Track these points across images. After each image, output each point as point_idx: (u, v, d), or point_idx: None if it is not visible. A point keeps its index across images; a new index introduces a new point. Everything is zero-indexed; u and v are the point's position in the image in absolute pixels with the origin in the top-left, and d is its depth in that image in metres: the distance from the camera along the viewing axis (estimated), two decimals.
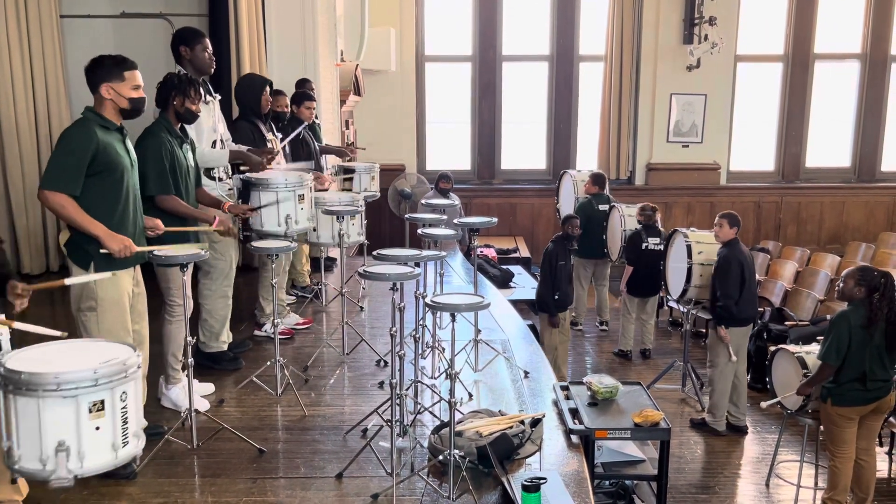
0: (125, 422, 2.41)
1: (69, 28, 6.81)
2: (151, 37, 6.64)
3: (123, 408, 2.39)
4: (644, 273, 6.97)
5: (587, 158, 10.25)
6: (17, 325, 2.65)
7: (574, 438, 3.62)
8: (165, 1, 6.95)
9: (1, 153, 6.28)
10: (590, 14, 10.00)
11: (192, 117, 3.81)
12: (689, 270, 6.03)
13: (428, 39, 10.07)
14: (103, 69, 3.14)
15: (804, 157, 10.40)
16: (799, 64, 10.12)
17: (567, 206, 8.36)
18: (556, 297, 6.27)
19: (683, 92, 9.95)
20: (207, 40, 4.25)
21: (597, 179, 7.94)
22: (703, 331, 7.02)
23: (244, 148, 4.54)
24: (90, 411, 2.31)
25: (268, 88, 4.96)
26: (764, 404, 4.79)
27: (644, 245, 6.95)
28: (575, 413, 3.82)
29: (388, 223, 9.18)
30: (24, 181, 6.35)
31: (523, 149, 10.41)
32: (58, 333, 2.62)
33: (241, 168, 4.47)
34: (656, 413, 3.73)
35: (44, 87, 6.50)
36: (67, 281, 3.04)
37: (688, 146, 10.10)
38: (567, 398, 4.01)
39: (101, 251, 3.13)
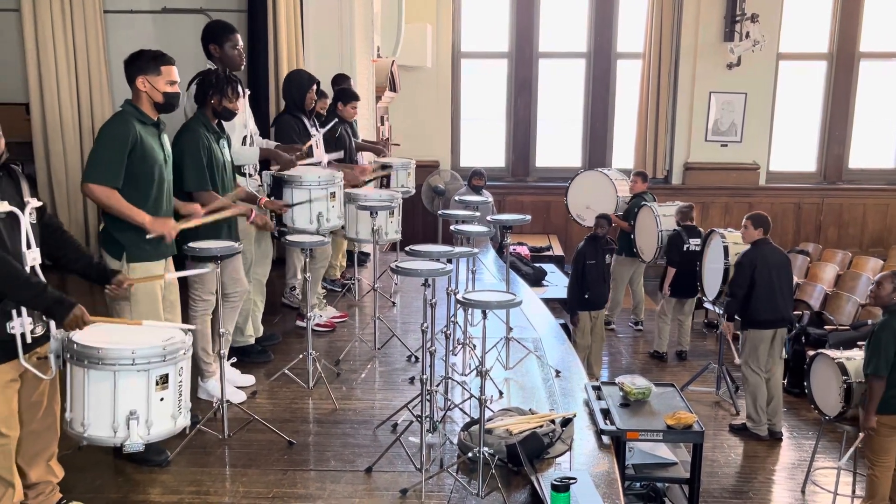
0: (181, 395, 2.70)
1: (112, 23, 6.93)
2: (191, 32, 6.70)
3: (180, 382, 2.69)
4: (684, 274, 6.87)
5: (623, 157, 10.14)
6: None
7: (605, 439, 3.59)
8: None
9: (45, 146, 6.42)
10: (628, 10, 9.89)
11: (230, 115, 3.84)
12: (726, 271, 5.93)
13: (464, 36, 10.05)
14: (141, 62, 3.17)
15: (847, 157, 10.15)
16: (843, 62, 9.87)
17: (600, 204, 8.21)
18: (587, 296, 6.22)
19: (723, 90, 9.78)
20: (237, 36, 4.25)
21: (646, 177, 7.86)
22: (738, 333, 6.92)
23: (272, 144, 4.57)
24: (157, 384, 2.59)
25: (314, 86, 4.98)
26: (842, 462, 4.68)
27: (685, 246, 6.84)
28: (606, 413, 3.78)
29: (422, 219, 9.18)
30: (67, 174, 6.48)
31: (558, 146, 10.34)
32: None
33: (271, 165, 4.49)
34: (689, 415, 3.68)
35: (87, 81, 6.62)
36: (168, 276, 3.26)
37: (726, 146, 9.93)
38: (599, 398, 3.97)
39: (148, 236, 3.19)
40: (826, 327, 6.56)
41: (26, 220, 2.53)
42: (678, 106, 9.86)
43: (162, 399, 2.61)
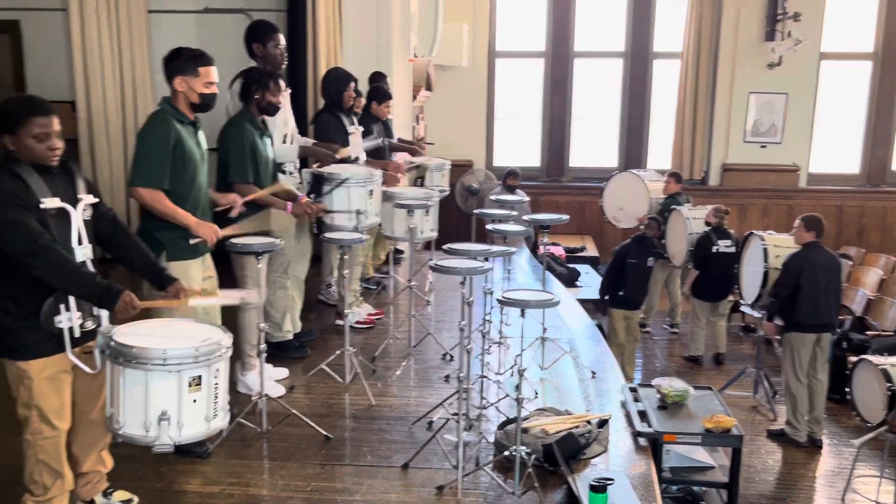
0: (216, 397, 2.63)
1: (156, 22, 7.06)
2: (232, 32, 6.80)
3: (216, 384, 2.61)
4: (714, 276, 6.79)
5: (660, 157, 10.04)
6: (193, 302, 2.93)
7: (642, 441, 3.57)
8: None
9: (90, 144, 6.57)
10: (666, 10, 9.78)
11: (274, 110, 3.90)
12: (766, 275, 5.84)
13: (500, 35, 10.04)
14: (179, 61, 3.19)
15: (891, 159, 9.92)
16: (889, 62, 9.64)
17: (633, 205, 8.13)
18: (621, 293, 6.17)
19: (763, 90, 9.62)
20: (280, 36, 4.31)
21: (679, 178, 7.78)
22: (778, 337, 6.81)
23: (310, 142, 4.61)
24: (190, 385, 2.53)
25: (352, 84, 5.02)
26: (857, 442, 4.62)
27: (714, 248, 6.76)
28: (643, 415, 3.75)
29: (455, 218, 9.19)
30: (111, 172, 6.63)
31: (594, 146, 10.28)
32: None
33: (311, 163, 4.53)
34: (728, 419, 3.64)
35: (131, 80, 6.75)
36: (221, 301, 3.22)
37: (766, 147, 9.77)
38: (635, 400, 3.94)
39: (192, 241, 3.24)
40: (868, 333, 6.43)
41: (78, 217, 2.58)
42: (716, 106, 9.73)
43: (195, 401, 2.56)
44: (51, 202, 2.49)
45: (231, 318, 3.89)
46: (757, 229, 6.55)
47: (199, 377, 2.55)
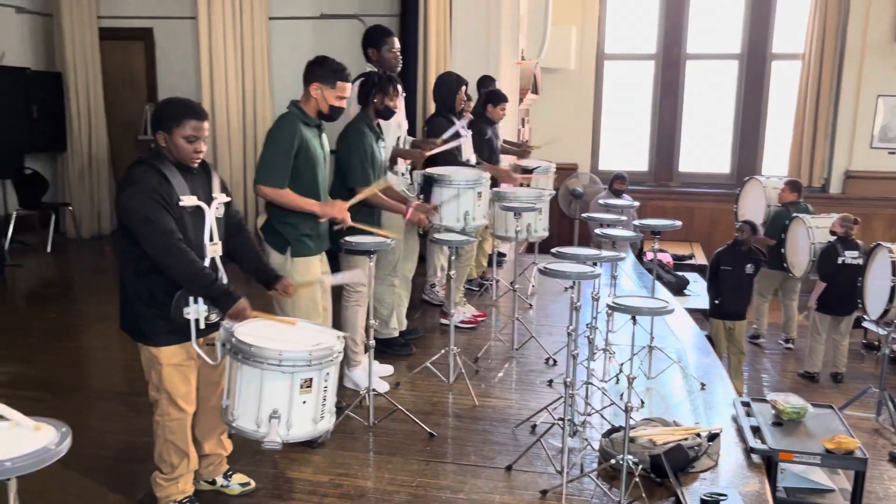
0: (324, 399, 2.69)
1: (275, 29, 7.39)
2: (346, 37, 7.05)
3: (325, 387, 2.67)
4: (839, 289, 6.41)
5: (776, 163, 9.59)
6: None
7: (755, 458, 3.43)
8: (361, 2, 7.34)
9: (213, 145, 6.95)
10: (787, 9, 9.34)
11: (390, 114, 4.00)
12: (893, 289, 5.48)
13: (609, 37, 9.88)
14: (322, 70, 3.33)
15: None
16: None
17: (754, 214, 7.85)
18: (717, 302, 5.94)
19: (893, 93, 9.03)
20: (394, 40, 4.41)
21: (795, 187, 7.40)
22: None
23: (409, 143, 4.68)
24: (301, 387, 2.59)
25: (464, 88, 5.08)
26: None
27: (840, 259, 6.39)
28: (756, 431, 3.61)
29: (557, 222, 9.11)
30: (231, 169, 6.98)
31: (705, 151, 9.94)
32: None
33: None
34: (851, 440, 3.44)
35: (252, 84, 7.09)
36: (327, 281, 3.40)
37: (895, 153, 9.16)
38: (748, 415, 3.79)
39: (320, 220, 3.38)
40: None
41: (211, 215, 2.72)
42: (840, 110, 9.19)
43: (304, 402, 2.62)
44: (189, 200, 2.64)
45: (337, 314, 4.02)
46: (884, 240, 6.15)
47: (311, 380, 2.61)
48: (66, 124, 7.83)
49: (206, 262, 2.70)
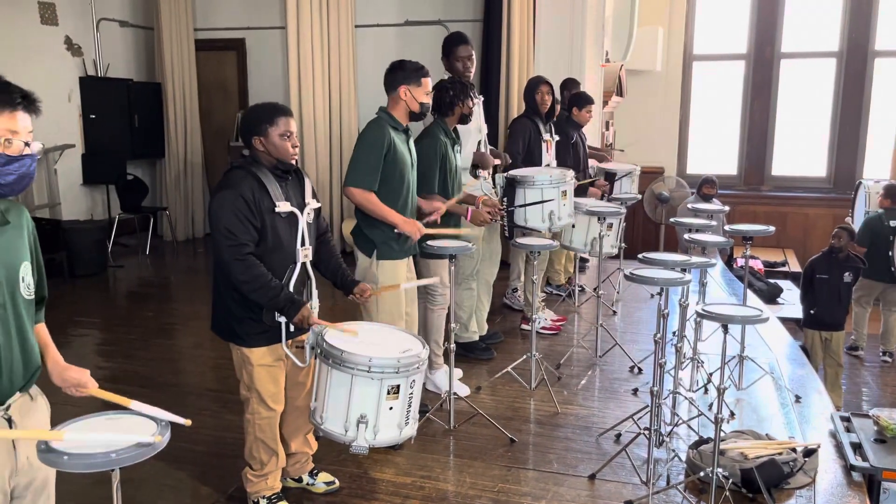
0: (409, 406, 2.71)
1: (360, 36, 7.53)
2: (430, 43, 7.11)
3: (411, 394, 2.70)
4: None
5: (878, 167, 9.08)
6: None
7: (856, 476, 3.24)
8: (445, 8, 7.40)
9: (301, 151, 7.14)
10: (890, 3, 8.83)
11: (467, 119, 4.02)
12: None
13: (697, 38, 9.61)
14: (404, 72, 3.40)
15: None
16: None
17: (851, 218, 7.49)
18: (813, 312, 5.66)
19: None
20: (463, 48, 4.41)
21: (890, 191, 6.98)
22: None
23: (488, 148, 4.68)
24: (388, 393, 2.63)
25: (542, 87, 5.03)
26: None
27: None
28: (858, 448, 3.41)
29: (641, 227, 8.91)
30: (317, 173, 7.15)
31: (799, 154, 9.51)
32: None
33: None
34: None
35: (338, 91, 7.25)
36: (403, 285, 3.43)
37: None
38: (848, 430, 3.60)
39: (396, 231, 3.42)
40: None
41: (304, 220, 2.78)
42: None
43: (391, 408, 2.65)
44: (283, 206, 2.71)
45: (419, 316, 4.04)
46: None
47: (398, 386, 2.64)
48: (165, 132, 8.22)
49: (297, 267, 2.76)
